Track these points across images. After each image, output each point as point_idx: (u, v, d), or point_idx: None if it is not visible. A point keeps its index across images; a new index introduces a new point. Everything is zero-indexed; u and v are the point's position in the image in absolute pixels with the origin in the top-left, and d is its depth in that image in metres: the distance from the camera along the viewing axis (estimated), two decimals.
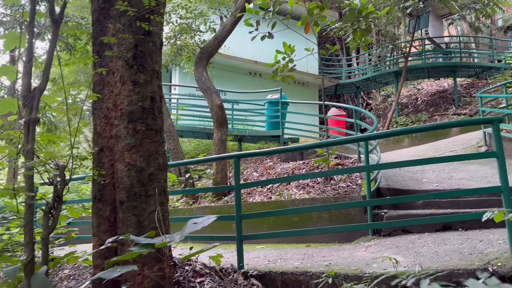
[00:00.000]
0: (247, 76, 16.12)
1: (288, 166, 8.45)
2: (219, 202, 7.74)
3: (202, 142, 12.73)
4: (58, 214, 2.62)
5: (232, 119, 11.42)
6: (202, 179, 9.71)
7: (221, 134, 8.44)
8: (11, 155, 2.59)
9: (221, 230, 5.87)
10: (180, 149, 8.87)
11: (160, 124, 3.02)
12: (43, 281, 2.21)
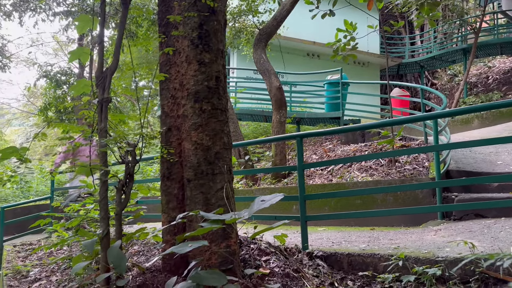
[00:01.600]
0: (305, 58, 15.87)
1: (349, 149, 8.25)
2: (279, 184, 7.74)
3: (260, 125, 12.77)
4: (130, 191, 2.71)
5: (290, 101, 11.31)
6: (261, 161, 9.75)
7: (279, 116, 8.39)
8: (86, 134, 2.71)
9: (281, 212, 5.87)
10: (239, 132, 8.95)
11: (225, 103, 3.02)
12: (118, 254, 2.30)
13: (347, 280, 2.96)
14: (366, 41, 12.15)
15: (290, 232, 4.64)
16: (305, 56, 15.92)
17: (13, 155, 2.31)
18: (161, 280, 2.68)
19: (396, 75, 18.54)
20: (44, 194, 10.57)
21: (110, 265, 2.41)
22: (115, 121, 2.73)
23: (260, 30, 9.02)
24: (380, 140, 7.66)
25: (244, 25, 10.69)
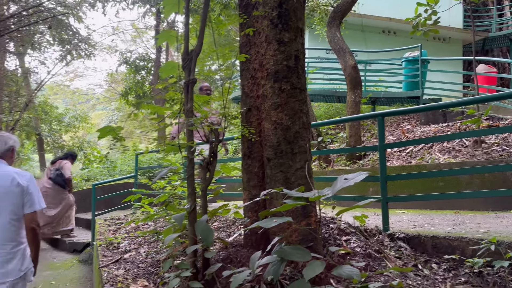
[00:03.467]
0: (380, 35, 15.24)
1: (429, 129, 7.86)
2: (354, 166, 7.61)
3: (332, 106, 12.56)
4: (214, 169, 2.82)
5: (365, 80, 10.98)
6: (334, 143, 9.63)
7: (354, 96, 8.19)
8: (173, 115, 2.84)
9: (356, 194, 5.78)
10: (311, 113, 8.88)
11: (304, 82, 3.01)
12: (205, 227, 2.42)
13: (432, 263, 2.86)
14: (448, 15, 11.35)
15: (368, 214, 4.56)
16: (381, 34, 15.29)
17: (110, 134, 2.50)
18: (244, 254, 2.79)
19: (481, 51, 17.20)
20: (128, 173, 11.32)
21: (198, 238, 2.55)
22: (199, 101, 2.83)
23: (334, 8, 8.81)
24: (464, 120, 7.20)
25: (317, 4, 10.49)
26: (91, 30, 26.27)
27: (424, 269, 2.76)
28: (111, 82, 27.67)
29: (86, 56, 17.22)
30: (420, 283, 2.49)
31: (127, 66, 17.37)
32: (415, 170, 5.60)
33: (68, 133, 21.58)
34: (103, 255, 4.64)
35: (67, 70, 26.31)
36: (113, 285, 3.55)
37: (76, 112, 23.53)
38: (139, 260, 4.18)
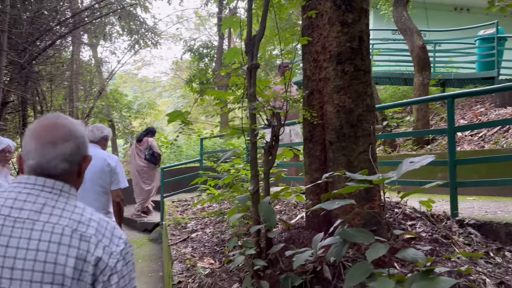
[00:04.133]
0: (451, 13, 14.35)
1: (505, 112, 7.36)
2: (421, 150, 7.33)
3: (399, 88, 12.10)
4: (276, 152, 2.87)
5: (434, 61, 10.43)
6: (401, 127, 9.30)
7: (422, 78, 7.84)
8: (236, 100, 2.92)
9: (423, 179, 5.57)
10: (376, 96, 8.63)
11: (368, 64, 2.95)
12: (268, 208, 2.49)
13: (505, 250, 2.72)
14: None
15: (435, 200, 4.40)
16: (452, 11, 14.40)
17: (178, 118, 2.63)
18: (306, 236, 2.83)
19: None
20: (193, 157, 11.73)
21: (261, 219, 2.62)
22: (261, 86, 2.88)
23: None
24: None
25: None
26: (157, 19, 27.24)
27: (496, 257, 2.64)
28: (176, 70, 28.60)
29: (152, 45, 17.93)
30: (491, 271, 2.39)
31: (191, 54, 17.87)
32: (488, 155, 5.29)
33: (137, 120, 22.68)
34: (171, 234, 4.90)
35: (135, 59, 27.54)
36: (181, 262, 3.75)
37: (144, 100, 24.66)
38: (205, 239, 4.37)
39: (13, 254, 1.12)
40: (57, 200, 1.23)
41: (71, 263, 1.13)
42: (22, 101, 11.25)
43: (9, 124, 11.31)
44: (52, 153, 1.25)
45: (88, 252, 1.16)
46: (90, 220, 1.23)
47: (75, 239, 1.16)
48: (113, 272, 1.18)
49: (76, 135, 1.31)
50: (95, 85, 17.31)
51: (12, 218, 1.16)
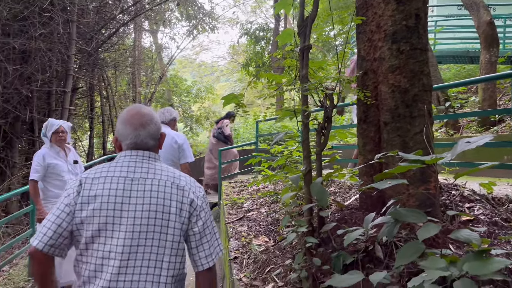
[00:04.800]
0: None
1: None
2: (486, 132, 6.96)
3: (464, 67, 11.47)
4: (328, 134, 2.89)
5: (503, 37, 9.76)
6: (465, 108, 8.86)
7: (489, 56, 7.39)
8: (289, 82, 2.96)
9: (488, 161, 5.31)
10: (439, 76, 8.26)
11: (425, 42, 2.86)
12: (320, 188, 2.53)
13: None
14: None
15: (498, 184, 4.21)
16: None
17: (233, 101, 2.72)
18: (358, 216, 2.84)
19: None
20: (249, 140, 11.92)
21: (313, 198, 2.67)
22: (314, 67, 2.90)
23: None
24: None
25: None
26: (214, 4, 27.54)
27: None
28: (233, 54, 28.89)
29: (210, 29, 18.25)
30: None
31: (248, 37, 17.96)
32: None
33: (196, 104, 23.31)
34: (228, 213, 5.08)
35: (193, 44, 28.19)
36: (237, 239, 3.91)
37: (202, 84, 25.22)
38: (260, 218, 4.50)
39: (134, 201, 1.67)
40: (155, 164, 1.79)
41: (174, 205, 1.70)
42: (90, 87, 11.97)
43: (78, 108, 12.09)
44: (143, 133, 1.79)
45: (184, 196, 1.74)
46: (180, 176, 1.81)
47: (174, 188, 1.74)
48: (201, 209, 1.77)
49: (155, 119, 1.84)
50: (156, 70, 17.98)
51: (129, 178, 1.71)
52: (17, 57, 7.52)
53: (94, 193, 1.67)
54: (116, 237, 1.63)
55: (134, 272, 1.62)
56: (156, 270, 1.65)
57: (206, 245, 1.76)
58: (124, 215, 1.65)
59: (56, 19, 7.75)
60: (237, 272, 3.08)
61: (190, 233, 1.75)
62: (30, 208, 5.51)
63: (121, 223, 1.64)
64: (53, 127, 4.59)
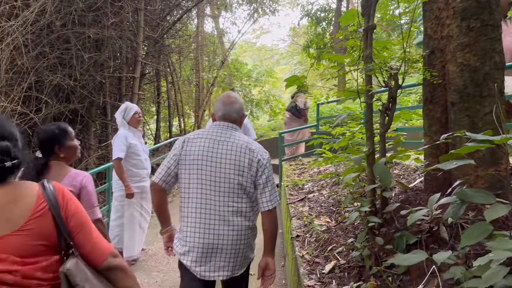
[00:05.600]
0: None
1: None
2: None
3: None
4: (393, 114, 2.87)
5: None
6: None
7: None
8: (352, 62, 2.96)
9: None
10: None
11: (498, 18, 2.73)
12: (383, 169, 2.54)
13: None
14: None
15: None
16: None
17: (295, 83, 2.78)
18: (423, 197, 2.82)
19: None
20: (310, 123, 11.88)
21: (376, 179, 2.69)
22: (378, 47, 2.87)
23: None
24: None
25: None
26: None
27: None
28: (293, 36, 28.65)
29: (270, 12, 18.22)
30: None
31: (309, 19, 17.72)
32: None
33: (256, 88, 23.51)
34: (289, 194, 5.18)
35: (254, 28, 28.29)
36: (299, 219, 4.00)
37: (263, 68, 25.33)
38: (321, 200, 4.56)
39: (219, 157, 2.35)
40: (235, 133, 2.47)
41: (246, 162, 2.35)
42: (156, 73, 12.49)
43: (146, 94, 12.69)
44: (230, 109, 2.52)
45: (253, 156, 2.37)
46: (252, 142, 2.45)
47: (247, 150, 2.38)
48: (265, 167, 2.39)
49: (239, 101, 2.60)
50: (218, 55, 18.32)
51: (217, 140, 2.40)
52: (92, 45, 8.03)
53: (192, 148, 2.40)
54: (203, 179, 2.35)
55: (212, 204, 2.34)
56: (229, 208, 2.35)
57: (267, 193, 2.38)
58: (209, 164, 2.34)
59: (126, 8, 8.17)
60: (299, 250, 3.18)
61: (257, 183, 2.37)
62: (106, 186, 5.95)
63: (207, 170, 2.34)
64: (133, 109, 5.00)
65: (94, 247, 1.53)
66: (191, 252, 2.37)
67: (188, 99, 16.54)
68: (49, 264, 1.42)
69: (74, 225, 1.49)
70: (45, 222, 1.42)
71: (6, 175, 1.43)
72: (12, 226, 1.37)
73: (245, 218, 2.38)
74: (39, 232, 1.40)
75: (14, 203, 1.40)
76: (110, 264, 1.54)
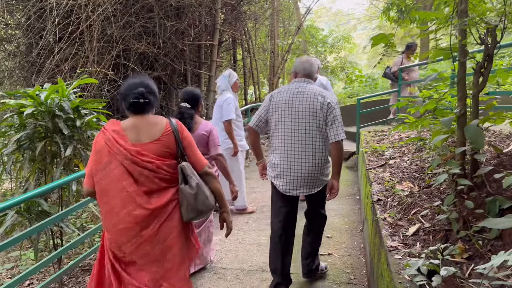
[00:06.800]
0: None
1: None
2: None
3: None
4: (488, 74, 2.68)
5: None
6: None
7: None
8: (445, 18, 2.79)
9: None
10: None
11: None
12: (476, 130, 2.41)
13: None
14: None
15: None
16: None
17: (382, 41, 2.69)
18: None
19: None
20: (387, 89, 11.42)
21: (467, 141, 2.56)
22: (474, 1, 2.67)
23: None
24: None
25: None
26: None
27: None
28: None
29: None
30: None
31: None
32: None
33: (332, 54, 22.90)
34: (369, 160, 5.10)
35: None
36: (380, 184, 3.95)
37: (339, 33, 24.52)
38: (403, 166, 4.44)
39: (298, 103, 3.12)
40: (310, 85, 3.21)
41: (318, 105, 3.07)
42: (233, 40, 12.65)
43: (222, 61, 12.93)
44: (307, 67, 3.29)
45: (324, 101, 3.08)
46: (323, 91, 3.17)
47: (319, 96, 3.10)
48: (333, 109, 3.08)
49: (312, 61, 3.33)
50: (293, 21, 18.04)
51: (296, 91, 3.18)
52: (173, 13, 8.29)
53: (278, 99, 3.21)
54: (287, 121, 3.15)
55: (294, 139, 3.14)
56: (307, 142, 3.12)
57: (335, 128, 3.07)
58: (291, 109, 3.13)
59: None
60: (380, 213, 3.15)
61: (327, 121, 3.08)
62: None
63: (290, 114, 3.14)
64: (235, 76, 5.50)
65: (196, 159, 2.41)
66: (279, 176, 3.21)
67: (262, 67, 16.60)
68: (171, 163, 2.32)
69: (185, 143, 2.38)
70: (170, 138, 2.33)
71: (144, 108, 2.34)
72: (152, 138, 2.29)
73: (319, 150, 3.13)
74: (167, 144, 2.31)
75: (154, 125, 2.32)
76: (206, 171, 2.42)
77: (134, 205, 2.18)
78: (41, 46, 7.20)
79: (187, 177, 2.29)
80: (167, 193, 2.28)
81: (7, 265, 5.37)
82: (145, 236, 2.20)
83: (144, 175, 2.21)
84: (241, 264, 4.05)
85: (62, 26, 7.17)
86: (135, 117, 2.34)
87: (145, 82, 2.37)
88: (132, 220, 2.18)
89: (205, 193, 2.32)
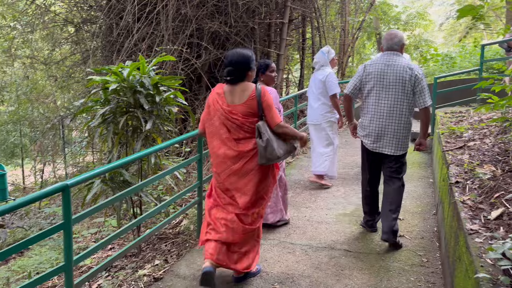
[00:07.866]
0: None
1: None
2: None
3: None
4: None
5: None
6: None
7: None
8: None
9: None
10: None
11: None
12: None
13: None
14: None
15: None
16: None
17: (470, 13, 2.53)
18: None
19: None
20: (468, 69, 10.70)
21: None
22: None
23: None
24: None
25: None
26: None
27: None
28: None
29: None
30: None
31: None
32: None
33: (405, 32, 21.80)
34: (446, 142, 4.87)
35: None
36: (458, 166, 3.77)
37: (414, 9, 23.23)
38: (484, 148, 4.20)
39: (388, 74, 3.67)
40: (398, 58, 3.70)
41: (407, 77, 3.61)
42: (303, 18, 12.46)
43: (291, 40, 12.82)
44: (393, 42, 3.75)
45: (412, 73, 3.60)
46: (411, 64, 3.65)
47: (408, 68, 3.62)
48: (420, 80, 3.60)
49: (399, 35, 3.77)
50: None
51: (386, 64, 3.70)
52: None
53: (371, 70, 3.75)
54: (378, 89, 3.71)
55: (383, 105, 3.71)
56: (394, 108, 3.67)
57: (422, 96, 3.61)
58: (382, 79, 3.68)
59: None
60: (459, 195, 3.02)
61: (415, 91, 3.61)
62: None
63: (381, 83, 3.69)
64: (333, 52, 5.74)
65: (272, 117, 3.05)
66: (368, 135, 3.80)
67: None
68: (253, 121, 3.06)
69: (264, 105, 3.04)
70: (254, 102, 3.04)
71: (232, 82, 3.09)
72: (241, 101, 3.06)
73: (404, 115, 3.67)
74: (251, 106, 3.04)
75: (243, 91, 3.07)
76: (279, 126, 3.06)
77: (226, 147, 3.09)
78: (121, 26, 7.58)
79: (261, 133, 3.00)
80: (250, 143, 3.07)
81: (91, 229, 5.86)
82: (233, 169, 3.08)
83: (233, 127, 3.06)
84: (310, 240, 4.09)
85: (140, 6, 7.49)
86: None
87: (234, 60, 3.06)
88: (225, 156, 3.08)
89: (273, 146, 2.98)
